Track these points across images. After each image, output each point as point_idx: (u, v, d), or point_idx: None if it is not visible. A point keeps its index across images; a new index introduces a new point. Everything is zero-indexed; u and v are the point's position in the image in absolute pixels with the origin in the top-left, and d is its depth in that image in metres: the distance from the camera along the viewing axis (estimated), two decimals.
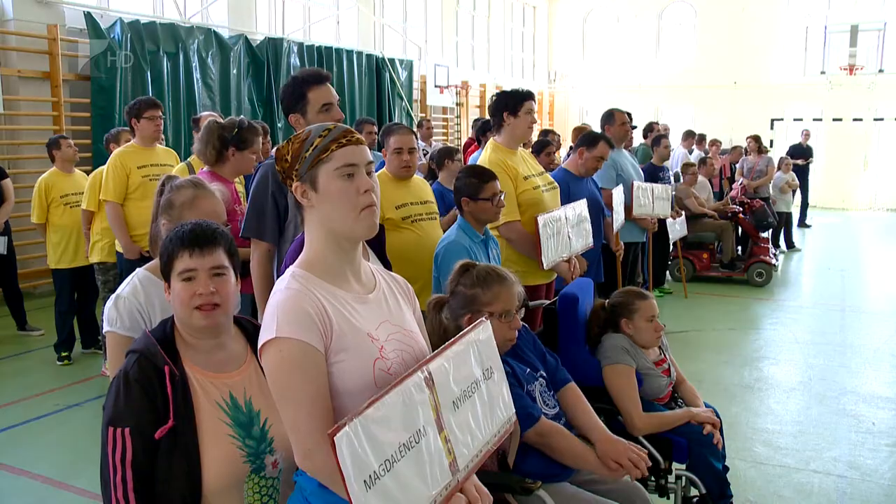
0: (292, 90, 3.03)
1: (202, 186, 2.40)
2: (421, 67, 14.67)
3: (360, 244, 1.73)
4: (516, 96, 4.01)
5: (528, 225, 3.89)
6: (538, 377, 2.59)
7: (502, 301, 2.36)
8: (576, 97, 20.57)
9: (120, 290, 2.21)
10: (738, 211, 9.15)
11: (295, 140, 1.68)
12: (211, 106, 9.58)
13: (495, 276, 2.39)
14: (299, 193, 1.66)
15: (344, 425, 1.32)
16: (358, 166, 1.64)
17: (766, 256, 8.82)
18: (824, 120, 17.73)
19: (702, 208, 8.82)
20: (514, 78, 19.08)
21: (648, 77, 19.09)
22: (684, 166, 8.90)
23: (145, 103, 5.01)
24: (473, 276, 2.37)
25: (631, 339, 3.14)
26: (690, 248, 8.90)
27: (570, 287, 3.27)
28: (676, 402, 3.22)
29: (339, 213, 1.63)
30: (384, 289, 1.79)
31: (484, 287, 2.35)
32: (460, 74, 15.88)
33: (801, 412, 4.87)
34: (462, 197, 3.35)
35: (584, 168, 4.83)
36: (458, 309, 2.34)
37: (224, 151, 3.82)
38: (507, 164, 3.93)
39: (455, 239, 3.29)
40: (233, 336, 1.98)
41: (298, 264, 1.68)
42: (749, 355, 6.09)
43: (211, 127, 3.82)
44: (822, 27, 17.55)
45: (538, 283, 4.00)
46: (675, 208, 7.68)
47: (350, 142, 1.65)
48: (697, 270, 8.91)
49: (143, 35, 8.80)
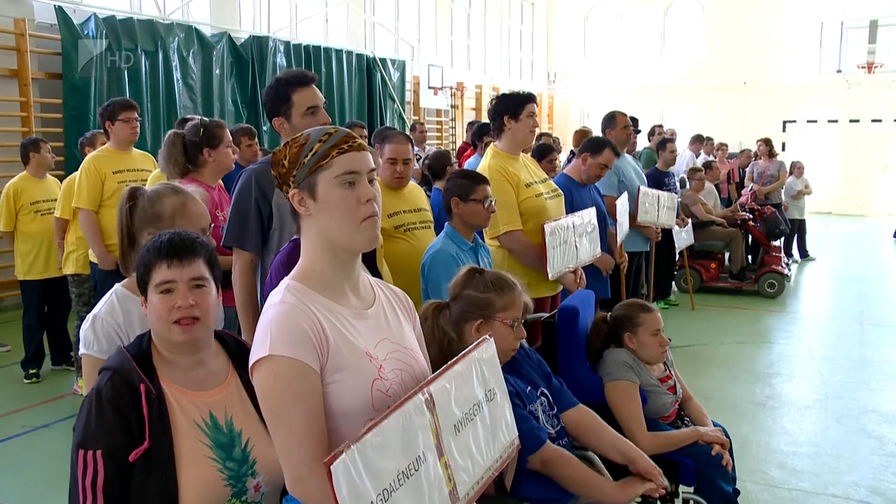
0: (276, 92, 3.04)
1: (183, 191, 2.40)
2: (414, 68, 14.72)
3: (360, 256, 1.73)
4: (517, 99, 4.03)
5: (531, 234, 3.90)
6: (539, 395, 2.59)
7: (515, 308, 2.38)
8: (576, 99, 20.65)
9: (96, 309, 2.18)
10: (748, 218, 9.20)
11: (293, 144, 1.68)
12: (192, 108, 9.57)
13: (508, 282, 2.41)
14: (296, 201, 1.66)
15: (341, 453, 1.30)
16: (359, 174, 1.64)
17: (778, 266, 8.86)
18: (840, 121, 17.70)
19: (709, 215, 8.85)
20: (512, 79, 19.16)
21: (653, 77, 19.17)
22: (691, 171, 8.94)
23: (120, 105, 5.01)
24: (486, 281, 2.38)
25: (634, 355, 3.14)
26: (697, 257, 8.93)
27: (569, 300, 3.28)
28: (683, 420, 3.21)
29: (338, 224, 1.63)
30: (383, 303, 1.78)
31: (498, 293, 2.36)
32: (455, 75, 15.94)
33: (817, 432, 4.85)
34: (452, 197, 3.37)
35: (586, 175, 4.85)
36: (467, 313, 2.34)
37: (199, 156, 3.83)
38: (508, 170, 3.95)
39: (441, 247, 3.29)
40: (213, 352, 1.97)
41: (293, 277, 1.67)
42: (761, 371, 6.10)
43: (171, 139, 3.83)
44: (839, 22, 17.46)
45: (543, 295, 4.01)
46: (682, 216, 7.71)
47: (352, 148, 1.65)
48: (705, 281, 8.93)
49: (120, 32, 8.76)
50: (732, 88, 18.32)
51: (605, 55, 20.09)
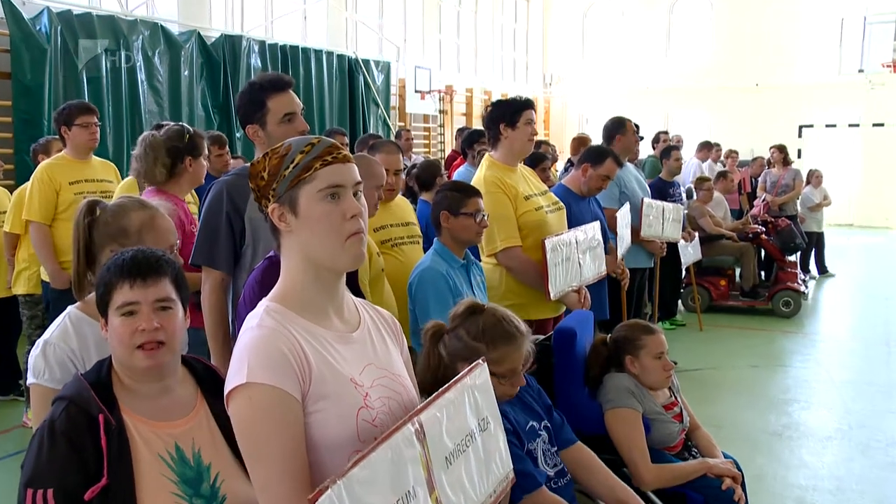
0: (250, 98, 3.06)
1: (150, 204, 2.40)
2: (399, 70, 14.79)
3: (344, 276, 1.74)
4: (514, 105, 4.07)
5: (531, 251, 3.93)
6: (540, 431, 2.60)
7: (509, 362, 2.35)
8: (574, 103, 20.74)
9: (48, 334, 2.15)
10: (761, 231, 9.24)
11: (273, 155, 1.69)
12: (158, 113, 9.56)
13: (503, 331, 2.35)
14: (276, 216, 1.67)
15: (326, 489, 1.30)
16: (344, 187, 1.66)
17: (794, 283, 8.91)
18: (863, 125, 17.64)
19: (718, 228, 8.90)
20: (505, 81, 19.26)
21: (657, 79, 19.28)
22: (698, 181, 9.00)
23: (77, 108, 4.99)
24: (479, 327, 2.34)
25: (637, 380, 3.16)
26: (706, 273, 8.98)
27: (566, 320, 3.30)
28: (690, 451, 3.23)
29: (321, 241, 1.64)
30: (369, 326, 1.80)
31: (490, 345, 2.32)
32: (444, 78, 16.01)
33: (840, 465, 4.85)
34: (441, 211, 3.39)
35: (586, 187, 4.89)
36: (458, 354, 2.34)
37: (179, 164, 3.84)
38: (506, 182, 3.99)
39: (430, 265, 3.31)
40: (180, 379, 1.97)
41: (273, 298, 1.68)
42: (776, 397, 6.12)
43: (154, 142, 3.82)
44: (862, 17, 17.43)
45: (545, 316, 4.03)
46: (688, 229, 7.75)
47: (336, 159, 1.66)
48: (714, 299, 8.98)
49: (77, 28, 8.64)
50: (743, 91, 18.37)
51: (606, 56, 20.19)
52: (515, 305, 3.70)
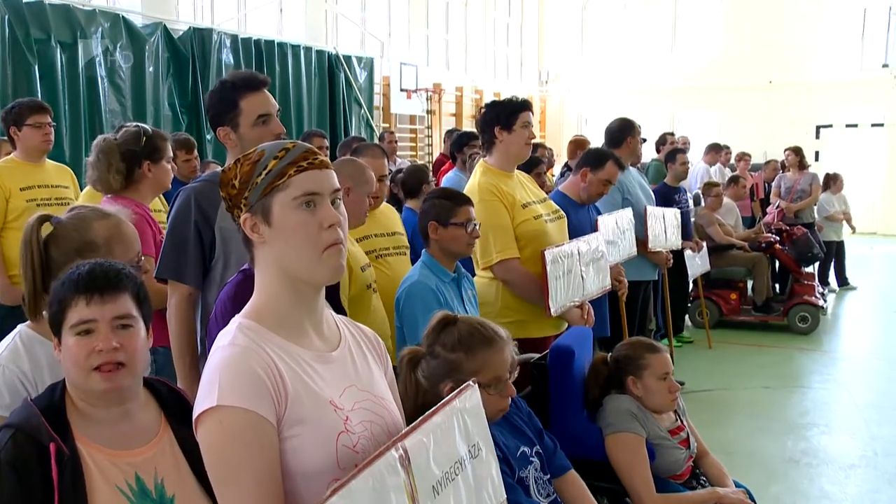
0: (221, 97, 3.07)
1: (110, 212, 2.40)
2: (383, 67, 14.82)
3: (323, 290, 1.75)
4: (510, 107, 4.10)
5: (529, 263, 3.95)
6: (532, 458, 2.61)
7: (491, 368, 2.37)
8: (572, 102, 20.80)
9: None
10: (775, 240, 9.27)
11: (245, 161, 1.70)
12: (121, 112, 9.51)
13: (481, 337, 2.38)
14: (249, 227, 1.69)
15: None
16: (321, 195, 1.67)
17: (812, 296, 8.92)
18: (887, 125, 17.61)
19: (728, 238, 8.94)
20: (498, 79, 19.32)
21: (662, 77, 19.35)
22: (706, 186, 9.02)
23: (28, 107, 4.94)
24: (454, 337, 2.37)
25: (640, 402, 3.17)
26: (715, 286, 9.00)
27: (563, 338, 3.31)
28: (698, 479, 3.24)
29: (296, 252, 1.66)
30: (350, 344, 1.81)
31: (468, 352, 2.35)
32: (432, 76, 16.05)
33: (864, 496, 4.85)
34: (429, 221, 3.41)
35: (586, 193, 4.91)
36: (438, 374, 2.35)
37: (136, 170, 3.83)
38: (502, 189, 4.01)
39: (418, 279, 3.32)
40: (142, 403, 1.96)
41: (246, 314, 1.70)
42: (793, 421, 6.13)
43: (107, 146, 3.80)
44: (887, 8, 17.42)
45: (546, 334, 4.03)
46: (696, 238, 7.78)
47: (312, 165, 1.68)
48: (724, 314, 9.01)
49: (27, 18, 8.49)
50: (756, 88, 18.40)
51: (606, 52, 20.26)
52: (514, 323, 3.73)
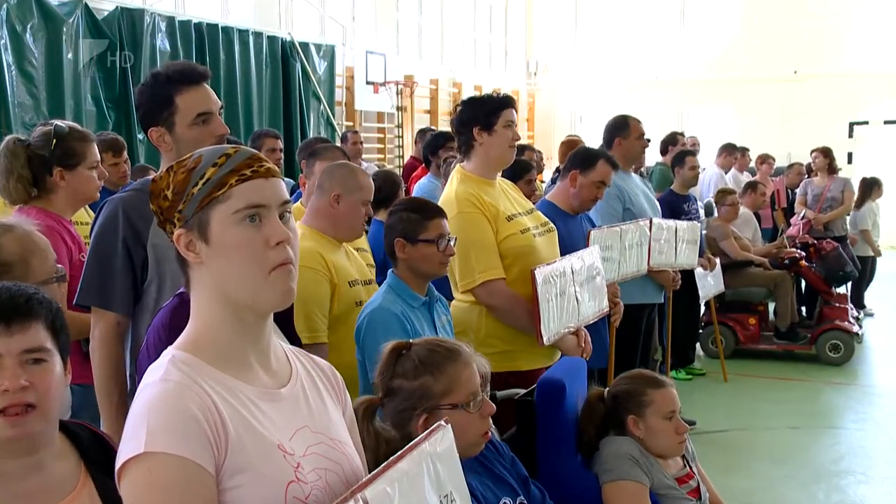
0: (153, 92, 3.06)
1: (16, 223, 2.39)
2: (346, 56, 14.82)
3: (270, 317, 1.76)
4: (490, 104, 4.12)
5: (517, 284, 3.97)
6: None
7: (463, 384, 2.41)
8: (565, 97, 20.84)
9: None
10: (801, 256, 9.29)
11: (179, 169, 1.71)
12: (33, 106, 9.37)
13: (443, 352, 2.44)
14: (183, 245, 1.69)
15: None
16: (268, 208, 1.68)
17: (844, 321, 8.95)
18: None
19: (746, 253, 8.97)
20: (479, 70, 19.36)
21: (669, 67, 19.44)
22: (720, 194, 9.03)
23: None
24: (414, 361, 2.41)
25: (642, 445, 3.19)
26: (731, 310, 9.04)
27: (553, 370, 3.33)
28: None
29: (239, 274, 1.66)
30: (303, 379, 1.81)
31: (434, 372, 2.39)
32: (402, 67, 16.06)
33: None
34: (395, 237, 3.42)
35: (577, 200, 4.93)
36: (404, 411, 2.38)
37: (46, 178, 3.77)
38: (483, 199, 4.03)
39: (381, 304, 3.33)
40: (57, 451, 1.94)
41: (180, 346, 1.70)
42: (824, 468, 6.14)
43: (12, 150, 3.73)
44: None
45: (537, 366, 4.03)
46: (708, 254, 7.82)
47: (257, 173, 1.69)
48: (742, 342, 9.03)
49: None
50: (778, 81, 18.48)
51: (604, 39, 20.32)
52: (500, 354, 3.74)
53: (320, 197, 3.77)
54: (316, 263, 3.57)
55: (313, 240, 3.66)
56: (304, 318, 3.46)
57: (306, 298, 3.46)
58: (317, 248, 3.62)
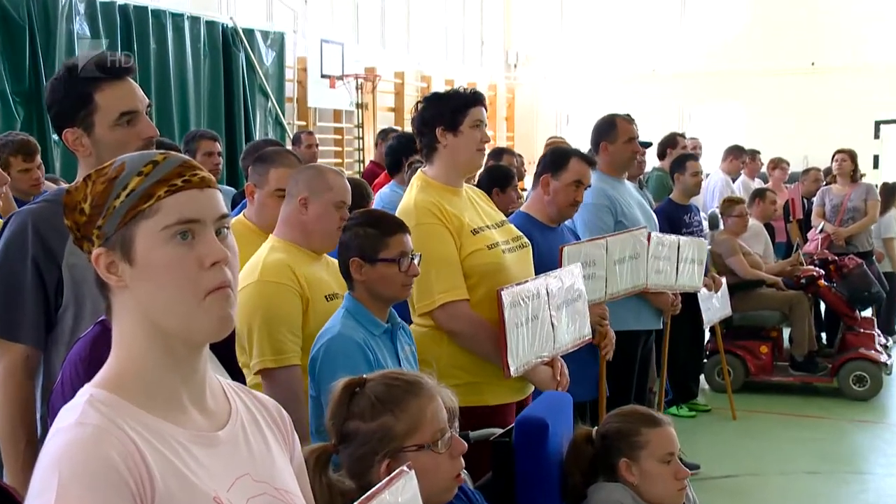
0: (68, 89, 3.04)
1: None
2: (298, 45, 14.83)
3: (205, 349, 1.76)
4: (455, 101, 4.14)
5: (483, 306, 3.97)
6: None
7: (429, 421, 2.41)
8: (550, 93, 20.97)
9: None
10: (819, 275, 9.29)
11: (98, 178, 1.70)
12: None
13: (403, 386, 2.44)
14: (103, 266, 1.68)
15: None
16: (202, 223, 1.67)
17: (870, 349, 8.93)
18: None
19: (756, 271, 8.98)
20: (451, 62, 19.40)
21: (668, 59, 19.58)
22: (726, 203, 9.03)
23: None
24: (370, 399, 2.41)
25: (635, 493, 3.20)
26: (740, 336, 9.06)
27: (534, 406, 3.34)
28: None
29: (169, 299, 1.66)
30: (244, 420, 1.81)
31: (395, 409, 2.39)
32: (363, 57, 16.08)
33: None
34: (351, 257, 3.42)
35: (554, 207, 4.95)
36: (363, 457, 2.38)
37: None
38: (446, 210, 4.04)
39: (341, 331, 3.32)
40: None
41: (99, 383, 1.68)
42: None
43: None
44: None
45: (506, 400, 4.04)
46: (713, 272, 7.85)
47: (190, 183, 1.68)
48: (752, 374, 9.01)
49: None
50: (794, 73, 18.64)
51: (594, 27, 20.44)
52: (463, 386, 3.72)
53: (288, 204, 3.79)
54: (283, 277, 3.59)
55: (284, 251, 3.69)
56: (268, 339, 3.49)
57: (270, 317, 3.49)
58: (286, 261, 3.64)
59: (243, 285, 3.59)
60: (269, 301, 3.56)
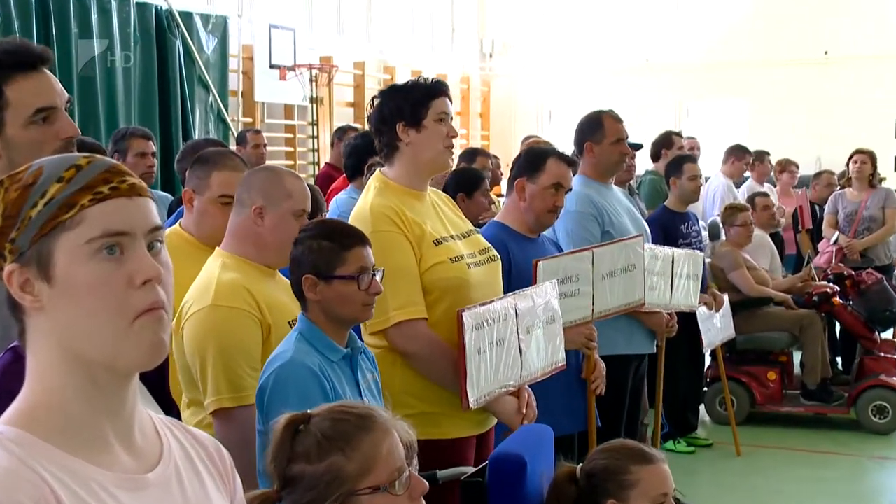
0: None
1: None
2: (243, 31, 14.82)
3: (134, 380, 1.75)
4: (417, 93, 4.14)
5: (443, 326, 3.98)
6: None
7: (385, 459, 2.40)
8: (529, 85, 21.00)
9: None
10: (834, 292, 9.31)
11: (11, 185, 1.69)
12: None
13: (354, 420, 2.43)
14: (16, 284, 1.67)
15: None
16: (132, 236, 1.67)
17: (892, 376, 8.94)
18: None
19: (763, 288, 9.02)
20: (418, 51, 19.42)
21: (663, 49, 19.64)
22: (728, 211, 9.05)
23: None
24: (316, 437, 2.39)
25: None
26: (744, 361, 9.09)
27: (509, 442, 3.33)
28: None
29: (93, 323, 1.65)
30: (177, 460, 1.80)
31: (345, 447, 2.37)
32: (318, 46, 16.08)
33: None
34: (304, 274, 3.42)
35: (532, 214, 4.97)
36: (313, 502, 2.37)
37: None
38: (405, 216, 4.04)
39: (293, 357, 3.30)
40: None
41: (11, 419, 1.67)
42: None
43: None
44: None
45: (467, 433, 4.06)
46: (713, 289, 7.89)
47: (118, 190, 1.68)
48: (758, 403, 9.01)
49: None
50: (804, 64, 18.75)
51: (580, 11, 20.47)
52: (419, 416, 3.68)
53: (239, 214, 3.75)
54: (240, 301, 3.56)
55: (237, 270, 3.65)
56: (224, 374, 3.46)
57: (226, 347, 3.46)
58: (241, 281, 3.61)
59: (195, 310, 3.58)
60: (225, 329, 3.52)
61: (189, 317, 3.57)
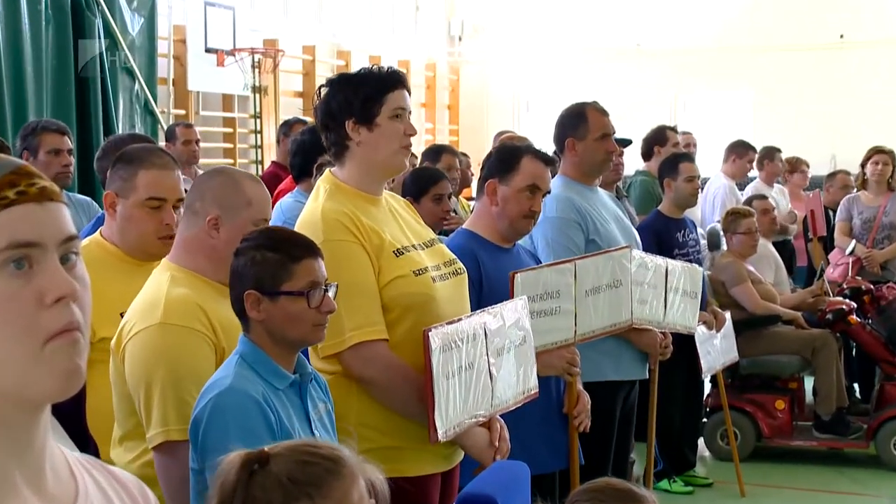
0: None
1: None
2: (174, 10, 14.81)
3: (46, 412, 1.75)
4: (369, 85, 4.15)
5: (405, 348, 4.00)
6: None
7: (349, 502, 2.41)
8: (504, 73, 21.07)
9: None
10: (850, 309, 9.35)
11: None
12: None
13: (321, 462, 2.40)
14: None
15: None
16: (42, 247, 1.66)
17: None
18: None
19: (770, 304, 9.07)
20: (376, 34, 19.46)
21: (657, 34, 19.76)
22: (730, 216, 9.11)
23: None
24: (279, 481, 2.36)
25: None
26: (749, 388, 9.15)
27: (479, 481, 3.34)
28: None
29: None
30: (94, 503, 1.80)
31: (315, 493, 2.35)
32: (262, 27, 16.11)
33: None
34: (246, 290, 3.41)
35: (505, 220, 5.00)
36: None
37: None
38: (361, 222, 4.06)
39: (232, 384, 3.30)
40: None
41: None
42: None
43: None
44: None
45: (431, 471, 4.08)
46: (712, 306, 7.94)
47: (25, 195, 1.67)
48: (765, 436, 9.07)
49: None
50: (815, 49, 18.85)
51: None
52: (377, 451, 3.68)
53: (191, 224, 3.74)
54: (193, 320, 3.56)
55: (187, 286, 3.65)
56: (173, 403, 3.46)
57: (178, 372, 3.47)
58: (193, 298, 3.61)
59: (139, 328, 3.56)
60: (176, 351, 3.52)
61: (132, 336, 3.56)
